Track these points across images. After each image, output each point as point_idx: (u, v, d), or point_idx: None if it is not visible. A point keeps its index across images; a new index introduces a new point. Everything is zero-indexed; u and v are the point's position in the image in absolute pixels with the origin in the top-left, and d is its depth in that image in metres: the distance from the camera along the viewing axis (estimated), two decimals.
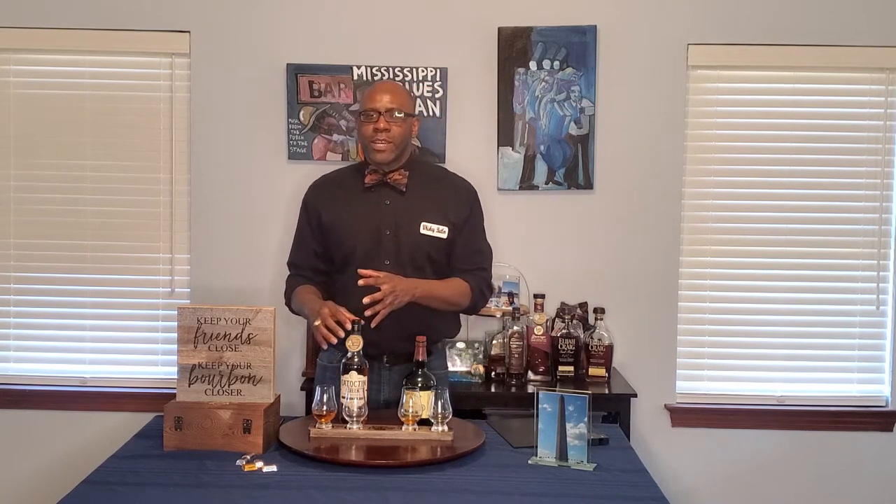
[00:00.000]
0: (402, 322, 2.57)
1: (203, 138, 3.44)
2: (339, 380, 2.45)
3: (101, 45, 3.43)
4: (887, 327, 3.52)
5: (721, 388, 3.54)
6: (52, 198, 3.49)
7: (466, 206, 2.74)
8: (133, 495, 2.03)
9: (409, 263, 2.64)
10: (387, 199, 2.68)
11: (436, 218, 2.67)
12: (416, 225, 2.65)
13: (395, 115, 2.63)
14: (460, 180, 2.83)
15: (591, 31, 3.38)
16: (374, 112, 2.63)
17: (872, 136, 3.48)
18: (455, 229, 2.69)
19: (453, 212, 2.70)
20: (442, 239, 2.67)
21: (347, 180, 2.77)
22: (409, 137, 2.74)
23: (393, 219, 2.65)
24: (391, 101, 2.64)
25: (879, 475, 3.51)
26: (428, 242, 2.65)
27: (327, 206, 2.72)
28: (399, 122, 2.64)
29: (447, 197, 2.73)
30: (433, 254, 2.66)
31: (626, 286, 3.46)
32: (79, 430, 3.48)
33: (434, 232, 2.66)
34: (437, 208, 2.69)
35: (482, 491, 2.07)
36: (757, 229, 3.50)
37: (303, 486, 2.08)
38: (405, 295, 2.52)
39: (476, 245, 2.76)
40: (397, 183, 2.67)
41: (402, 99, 2.69)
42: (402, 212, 2.66)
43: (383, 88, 2.72)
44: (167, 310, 3.48)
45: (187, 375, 2.38)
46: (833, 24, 3.40)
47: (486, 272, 2.78)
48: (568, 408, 2.25)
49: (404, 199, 2.68)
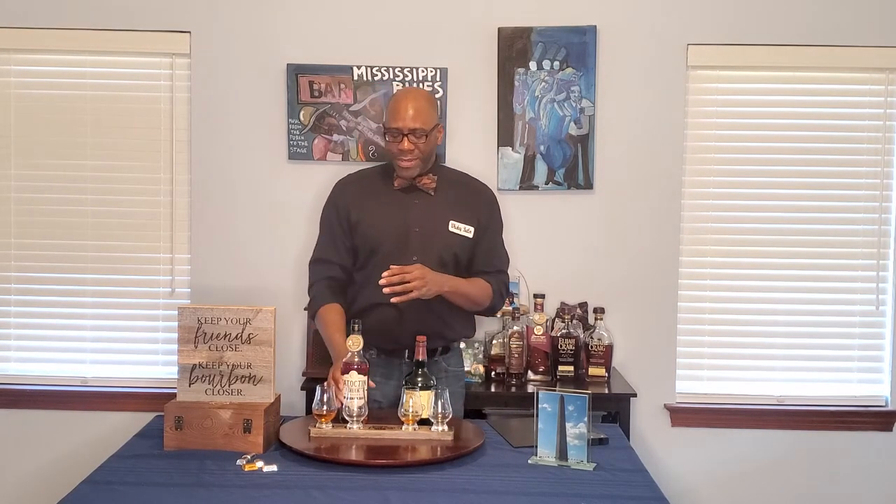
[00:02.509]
0: (422, 319, 2.63)
1: (203, 138, 3.44)
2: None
3: (101, 46, 3.43)
4: (887, 327, 3.52)
5: (721, 388, 3.54)
6: (52, 198, 3.49)
7: (488, 209, 2.81)
8: (133, 495, 2.03)
9: (436, 261, 2.67)
10: (416, 199, 2.73)
11: (463, 218, 2.73)
12: (445, 223, 2.70)
13: (419, 134, 2.64)
14: (482, 184, 2.90)
15: (591, 31, 3.38)
16: (399, 133, 2.65)
17: (872, 136, 3.48)
18: (479, 230, 2.74)
19: (477, 213, 2.76)
20: (468, 238, 2.72)
21: (376, 179, 2.81)
22: (435, 145, 2.78)
23: (422, 217, 2.69)
24: (414, 120, 2.63)
25: (879, 475, 3.51)
26: (456, 241, 2.70)
27: (356, 203, 2.75)
28: (424, 139, 2.66)
29: (472, 199, 2.80)
30: (459, 253, 2.71)
31: (626, 286, 3.46)
32: (79, 430, 3.48)
33: (461, 231, 2.72)
34: (463, 209, 2.75)
35: (482, 491, 2.07)
36: (757, 229, 3.50)
37: (303, 485, 2.08)
38: (434, 286, 2.55)
39: (496, 248, 2.83)
40: (426, 187, 2.73)
41: (426, 115, 2.67)
42: (431, 211, 2.72)
43: (406, 105, 2.66)
44: (167, 310, 3.48)
45: (187, 375, 2.38)
46: (833, 24, 3.41)
47: (504, 275, 2.83)
48: (568, 408, 2.26)
49: (433, 200, 2.73)
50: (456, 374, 2.83)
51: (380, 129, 3.38)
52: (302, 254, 3.37)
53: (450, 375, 2.78)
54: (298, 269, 3.39)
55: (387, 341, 2.68)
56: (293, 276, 3.40)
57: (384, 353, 2.73)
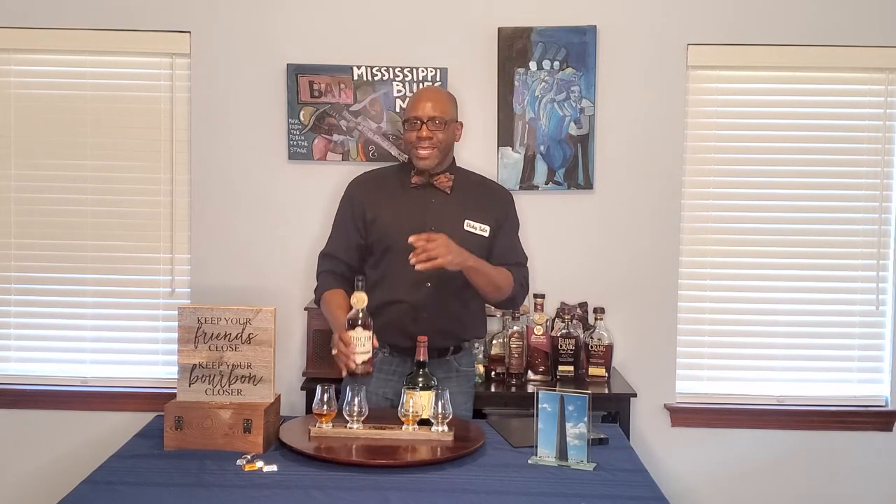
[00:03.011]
0: (437, 318, 2.66)
1: (203, 138, 3.45)
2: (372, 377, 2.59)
3: (101, 45, 3.43)
4: (887, 327, 3.52)
5: (721, 388, 3.54)
6: (52, 198, 3.49)
7: (504, 209, 2.83)
8: (133, 495, 2.03)
9: None
10: (432, 197, 2.75)
11: (479, 217, 2.74)
12: (461, 222, 2.72)
13: (438, 123, 2.69)
14: (498, 186, 2.98)
15: (591, 31, 3.38)
16: (417, 120, 2.69)
17: (872, 136, 3.49)
18: (495, 229, 2.76)
19: (494, 212, 2.78)
20: (484, 237, 2.73)
21: (392, 178, 2.83)
22: (453, 142, 2.80)
23: (438, 216, 2.70)
24: (433, 109, 2.70)
25: (879, 475, 3.52)
26: (471, 240, 2.70)
27: (372, 201, 2.77)
28: (441, 129, 2.70)
29: (488, 198, 2.82)
30: (475, 252, 2.69)
31: (626, 286, 3.46)
32: (79, 430, 3.48)
33: (477, 230, 2.73)
34: (479, 208, 2.76)
35: (482, 491, 2.07)
36: (757, 229, 3.50)
37: (303, 485, 2.08)
38: (458, 257, 2.52)
39: (514, 245, 2.84)
40: (442, 185, 2.75)
41: (445, 106, 2.73)
42: (446, 209, 2.73)
43: (426, 96, 2.77)
44: (167, 310, 3.48)
45: (188, 375, 2.38)
46: (833, 24, 3.41)
47: (524, 269, 2.83)
48: (568, 408, 2.26)
49: (449, 199, 2.75)
50: (466, 374, 2.84)
51: (379, 129, 3.39)
52: (302, 253, 3.38)
53: (460, 375, 2.80)
54: (299, 268, 3.39)
55: (401, 339, 2.68)
56: (293, 276, 3.40)
57: (397, 352, 2.73)
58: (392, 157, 3.38)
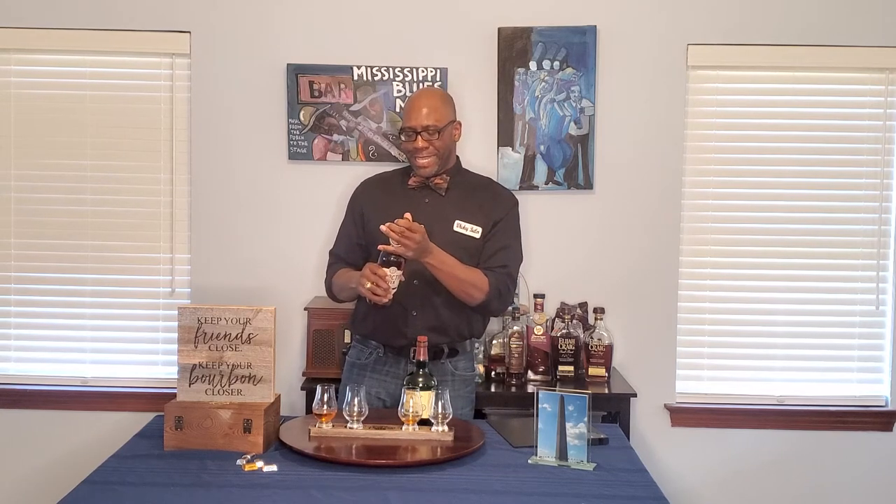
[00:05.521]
0: (430, 317, 2.67)
1: (203, 138, 3.45)
2: (366, 377, 2.70)
3: (101, 45, 3.43)
4: (887, 327, 3.52)
5: (721, 388, 3.55)
6: (52, 198, 3.49)
7: (504, 212, 2.78)
8: (133, 495, 2.03)
9: None
10: (426, 198, 2.75)
11: (470, 218, 2.73)
12: (450, 223, 2.71)
13: (433, 131, 2.68)
14: (504, 190, 2.92)
15: (591, 31, 3.38)
16: (412, 131, 2.69)
17: (872, 136, 3.49)
18: (488, 231, 2.74)
19: (489, 215, 2.75)
20: (475, 238, 2.71)
21: (394, 180, 2.86)
22: (452, 143, 2.79)
23: (429, 216, 2.68)
24: (427, 118, 2.68)
25: (879, 475, 3.52)
26: (460, 241, 2.69)
27: (369, 202, 2.81)
28: (438, 136, 2.69)
29: (485, 201, 2.79)
30: (464, 253, 2.67)
31: (626, 286, 3.46)
32: (79, 430, 3.48)
33: (467, 231, 2.71)
34: (473, 209, 2.75)
35: (482, 491, 2.07)
36: (757, 229, 3.50)
37: (303, 485, 2.08)
38: (419, 251, 2.50)
39: (503, 243, 2.75)
40: (438, 186, 2.75)
41: (439, 112, 2.71)
42: (438, 210, 2.73)
43: (420, 103, 2.72)
44: (167, 310, 3.48)
45: (187, 375, 2.38)
46: (833, 24, 3.41)
47: (508, 271, 2.73)
48: (568, 407, 2.25)
49: (442, 200, 2.75)
50: (464, 379, 2.80)
51: (379, 129, 3.40)
52: (302, 253, 3.39)
53: (456, 379, 2.76)
54: (299, 268, 3.40)
55: (394, 338, 2.70)
56: (293, 276, 3.40)
57: (391, 351, 2.74)
58: (392, 157, 3.38)
